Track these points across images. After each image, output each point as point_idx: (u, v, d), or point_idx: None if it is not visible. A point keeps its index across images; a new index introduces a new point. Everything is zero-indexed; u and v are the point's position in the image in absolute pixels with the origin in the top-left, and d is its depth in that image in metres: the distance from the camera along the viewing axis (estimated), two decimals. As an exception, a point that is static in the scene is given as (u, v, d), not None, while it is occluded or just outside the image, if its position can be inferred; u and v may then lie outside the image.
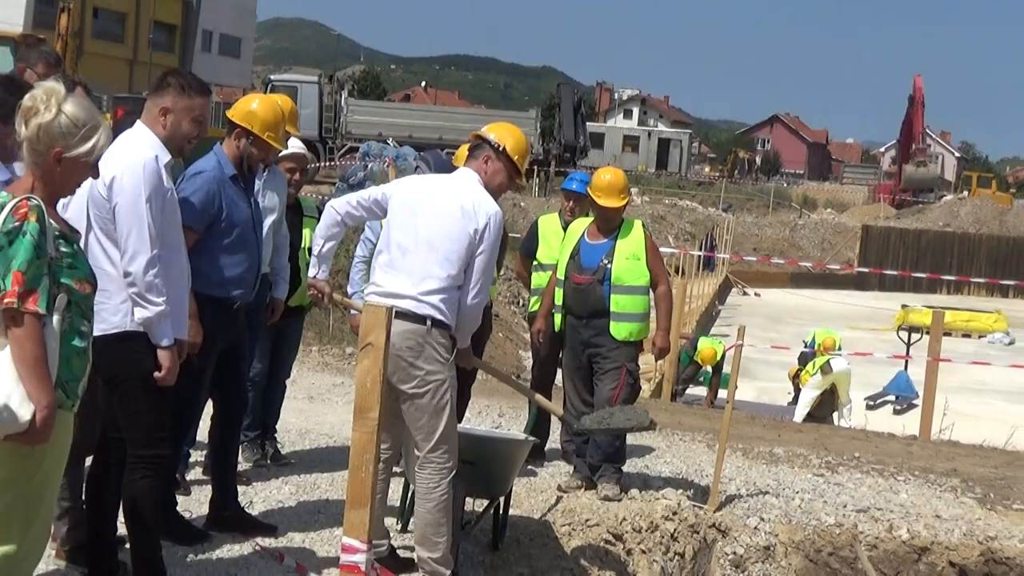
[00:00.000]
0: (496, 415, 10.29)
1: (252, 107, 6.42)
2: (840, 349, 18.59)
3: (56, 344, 4.06)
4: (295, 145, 7.89)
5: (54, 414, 3.99)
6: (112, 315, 4.98)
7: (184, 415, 6.28)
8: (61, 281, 4.11)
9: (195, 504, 6.71)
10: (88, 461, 5.52)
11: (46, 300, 4.00)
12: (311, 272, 6.30)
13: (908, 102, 69.21)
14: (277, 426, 8.27)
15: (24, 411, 3.91)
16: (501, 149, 6.03)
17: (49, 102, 4.12)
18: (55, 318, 4.05)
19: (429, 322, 5.69)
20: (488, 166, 6.03)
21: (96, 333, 4.42)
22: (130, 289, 4.96)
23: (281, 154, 7.61)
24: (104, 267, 4.98)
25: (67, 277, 4.13)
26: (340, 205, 6.16)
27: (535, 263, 9.15)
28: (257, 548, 6.24)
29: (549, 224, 9.16)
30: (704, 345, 19.91)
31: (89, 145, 4.18)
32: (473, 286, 5.87)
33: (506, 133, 6.14)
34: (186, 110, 5.34)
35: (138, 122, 5.35)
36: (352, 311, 7.36)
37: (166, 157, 5.23)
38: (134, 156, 5.09)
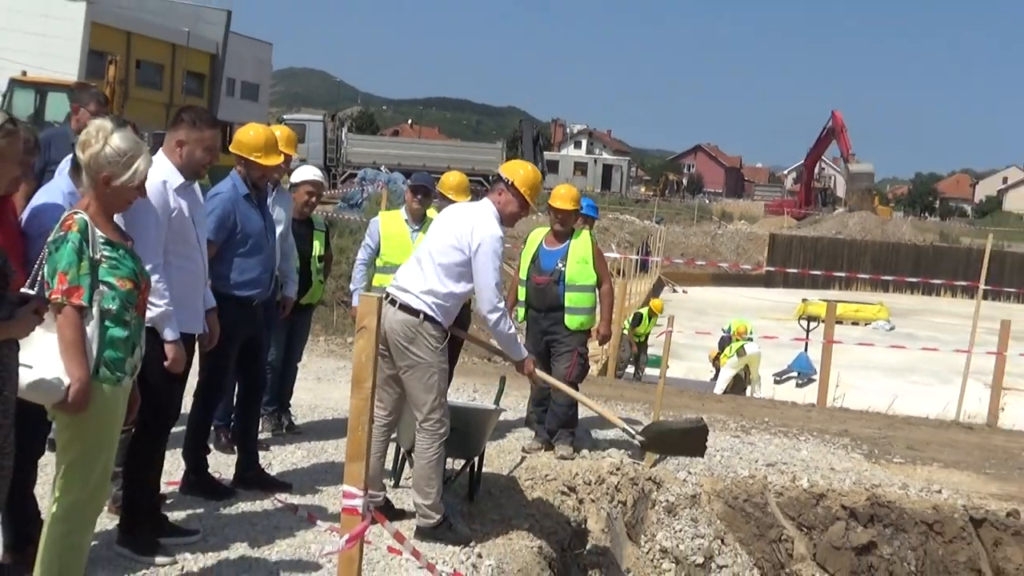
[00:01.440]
0: (471, 390, 10.29)
1: (240, 137, 6.35)
2: (752, 335, 18.68)
3: (96, 331, 4.10)
4: (315, 174, 7.96)
5: (87, 388, 4.01)
6: None
7: (213, 394, 6.28)
8: (103, 279, 4.14)
9: (223, 467, 6.68)
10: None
11: (89, 295, 4.07)
12: None
13: (823, 131, 69.76)
14: (291, 402, 8.23)
15: (62, 382, 3.96)
16: (510, 183, 6.04)
17: (99, 136, 4.20)
18: (94, 309, 4.09)
19: (421, 315, 5.75)
20: (501, 197, 6.05)
21: None
22: None
23: (304, 179, 7.72)
24: None
25: (109, 276, 4.16)
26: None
27: None
28: (275, 502, 6.22)
29: None
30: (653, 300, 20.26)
31: (131, 172, 4.25)
32: (478, 297, 5.90)
33: (517, 170, 6.14)
34: (198, 141, 5.22)
35: (159, 151, 5.22)
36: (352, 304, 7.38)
37: (177, 181, 5.13)
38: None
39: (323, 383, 10.25)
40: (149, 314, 4.86)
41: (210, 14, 55.64)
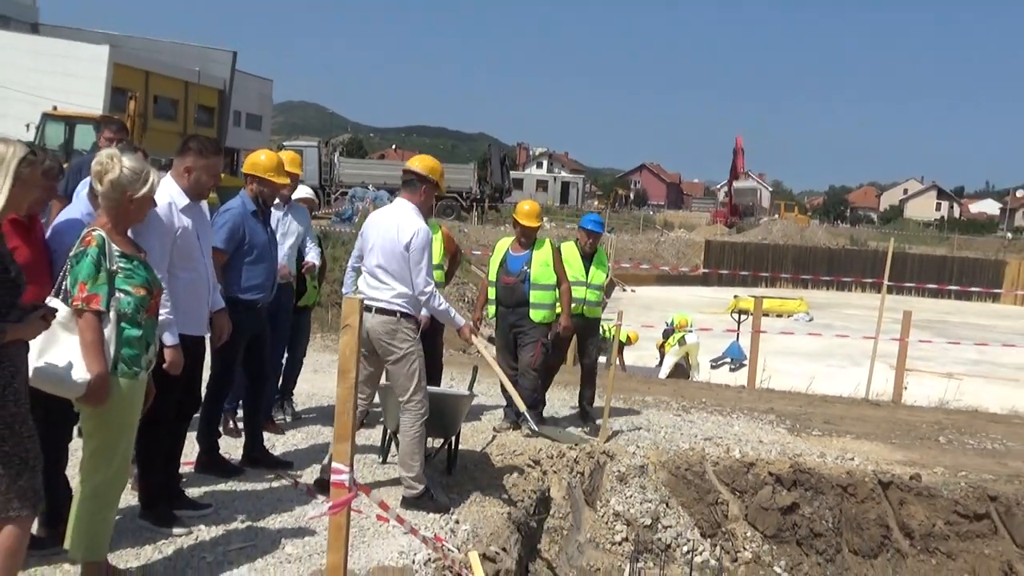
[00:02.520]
0: (448, 379, 10.24)
1: (254, 159, 6.39)
2: (691, 327, 18.70)
3: (113, 332, 4.07)
4: (307, 192, 8.05)
5: (106, 383, 3.98)
6: None
7: (222, 386, 6.22)
8: (119, 287, 4.12)
9: (232, 448, 6.63)
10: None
11: (106, 301, 4.04)
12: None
13: (733, 152, 70.26)
14: (294, 391, 8.18)
15: (83, 378, 3.92)
16: (424, 176, 6.00)
17: (113, 163, 4.16)
18: (111, 314, 4.07)
19: (398, 314, 5.80)
20: (424, 196, 6.01)
21: None
22: None
23: (298, 196, 7.67)
24: None
25: (124, 284, 4.13)
26: (353, 259, 6.55)
27: None
28: (278, 478, 6.19)
29: (569, 250, 8.96)
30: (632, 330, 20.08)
31: (148, 186, 4.25)
32: (413, 281, 5.79)
33: (421, 161, 6.11)
34: (204, 168, 5.14)
35: (168, 174, 5.14)
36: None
37: (183, 202, 5.04)
38: None
39: (319, 374, 10.18)
40: None
41: (218, 55, 55.31)
